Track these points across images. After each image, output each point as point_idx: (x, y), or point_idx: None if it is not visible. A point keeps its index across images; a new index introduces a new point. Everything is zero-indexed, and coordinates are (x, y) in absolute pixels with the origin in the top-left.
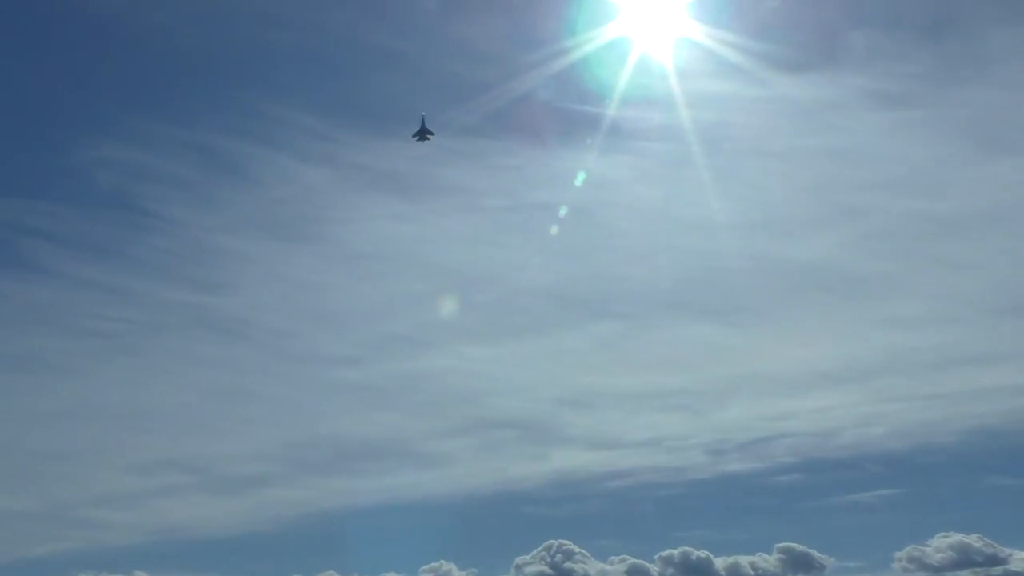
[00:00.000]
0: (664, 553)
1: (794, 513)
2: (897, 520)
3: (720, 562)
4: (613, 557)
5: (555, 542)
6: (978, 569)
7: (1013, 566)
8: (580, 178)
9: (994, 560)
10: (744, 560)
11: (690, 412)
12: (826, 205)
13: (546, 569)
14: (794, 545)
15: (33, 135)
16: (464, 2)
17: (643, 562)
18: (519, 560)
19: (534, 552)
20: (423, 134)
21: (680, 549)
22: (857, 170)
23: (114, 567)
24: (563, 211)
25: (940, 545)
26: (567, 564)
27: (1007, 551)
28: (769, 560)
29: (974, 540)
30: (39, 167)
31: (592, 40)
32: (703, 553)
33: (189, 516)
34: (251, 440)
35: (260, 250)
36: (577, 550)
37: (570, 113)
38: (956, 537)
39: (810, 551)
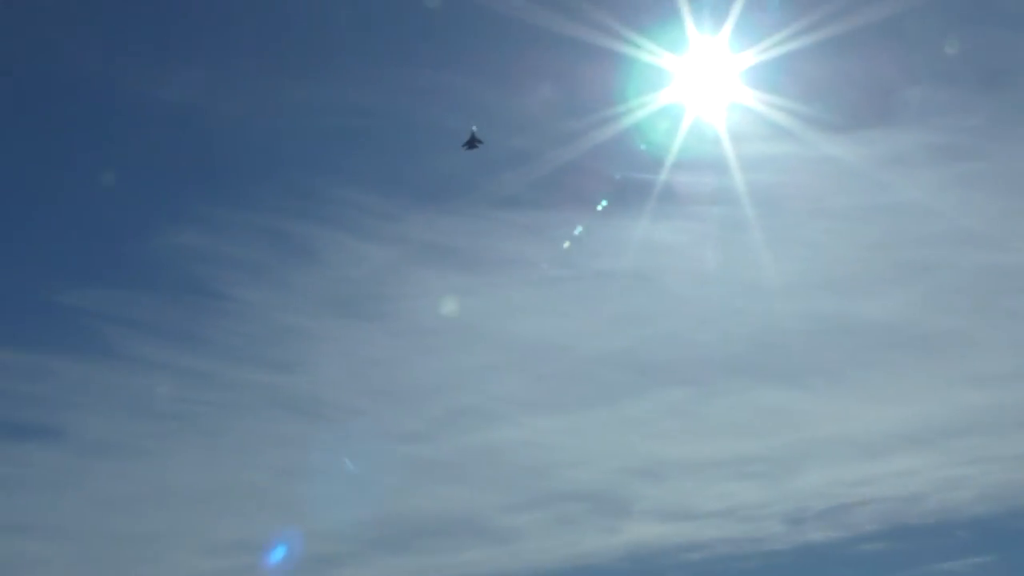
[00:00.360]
0: None
1: None
2: None
3: None
4: None
5: None
6: None
7: None
8: (602, 204)
9: None
10: None
11: (765, 480)
12: (892, 262)
13: None
14: None
15: (114, 227)
16: (516, 76)
17: None
18: None
19: None
20: (472, 143)
21: None
22: (921, 225)
23: None
24: (578, 230)
25: None
26: None
27: None
28: None
29: None
30: (121, 258)
31: (645, 106)
32: None
33: None
34: (323, 519)
35: (329, 329)
36: None
37: (626, 180)
38: None
39: None
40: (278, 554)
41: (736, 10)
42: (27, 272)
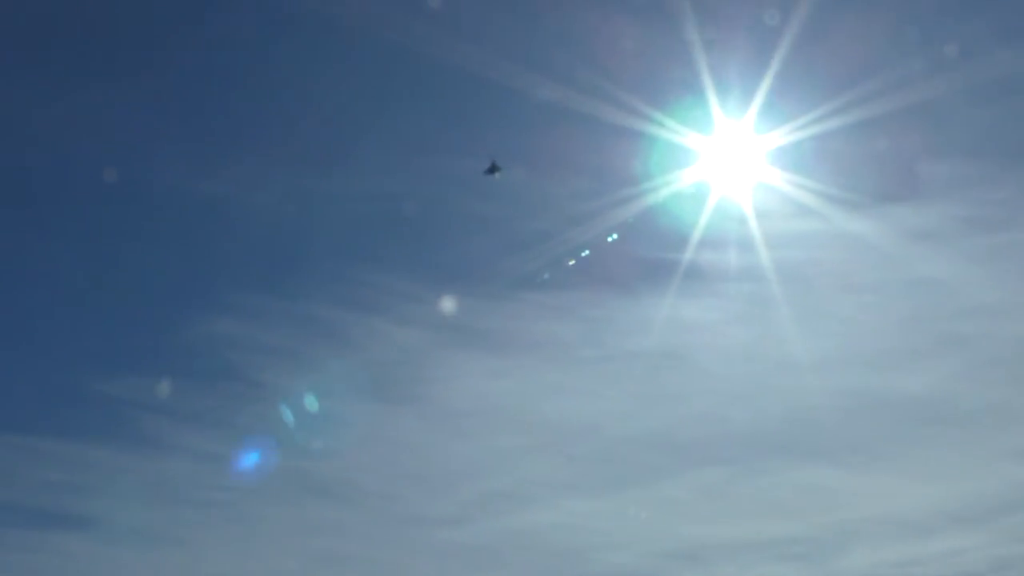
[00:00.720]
0: None
1: None
2: None
3: None
4: None
5: None
6: None
7: None
8: (612, 238)
9: None
10: None
11: (807, 561)
12: (928, 335)
13: None
14: None
15: (151, 316)
16: (540, 158)
17: None
18: None
19: None
20: (492, 170)
21: None
22: (955, 298)
23: None
24: (585, 254)
25: None
26: None
27: None
28: None
29: None
30: (159, 346)
31: (669, 185)
32: None
33: None
34: None
35: (361, 413)
36: None
37: (651, 259)
38: None
39: None
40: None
41: (762, 92)
42: (64, 361)
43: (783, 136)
